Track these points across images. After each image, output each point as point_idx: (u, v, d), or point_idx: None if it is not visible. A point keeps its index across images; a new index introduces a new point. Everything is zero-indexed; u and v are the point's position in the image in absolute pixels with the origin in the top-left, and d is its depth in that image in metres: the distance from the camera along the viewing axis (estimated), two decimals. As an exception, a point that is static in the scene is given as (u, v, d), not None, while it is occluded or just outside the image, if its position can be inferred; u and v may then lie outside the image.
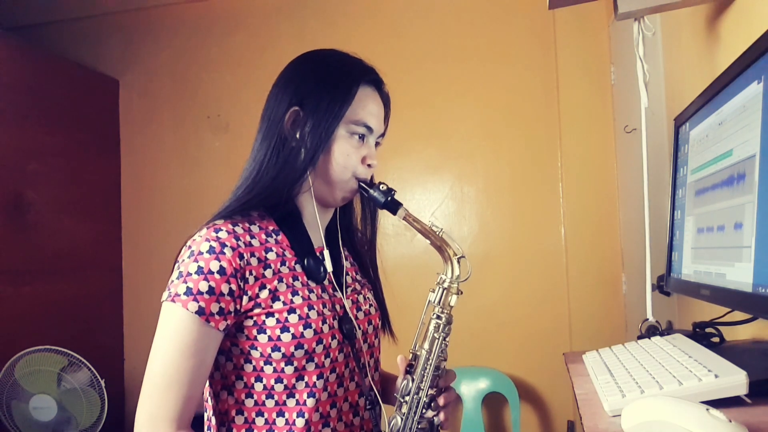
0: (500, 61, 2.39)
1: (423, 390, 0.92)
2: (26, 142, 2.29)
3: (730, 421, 0.54)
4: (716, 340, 0.94)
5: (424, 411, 0.92)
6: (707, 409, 0.56)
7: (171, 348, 0.82)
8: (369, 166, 0.96)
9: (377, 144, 0.99)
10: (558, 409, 2.29)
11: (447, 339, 0.94)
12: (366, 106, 0.95)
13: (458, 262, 0.94)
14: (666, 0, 1.11)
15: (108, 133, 2.75)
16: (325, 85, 0.93)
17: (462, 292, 0.95)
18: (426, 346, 0.93)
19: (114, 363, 2.65)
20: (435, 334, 0.93)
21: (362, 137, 0.94)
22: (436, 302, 0.94)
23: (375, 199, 0.94)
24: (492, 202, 2.40)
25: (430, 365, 0.92)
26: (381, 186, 0.95)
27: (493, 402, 2.31)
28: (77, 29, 2.82)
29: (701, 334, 0.95)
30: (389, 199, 0.94)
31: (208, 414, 0.92)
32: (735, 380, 0.65)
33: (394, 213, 0.93)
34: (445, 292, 0.94)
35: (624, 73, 1.97)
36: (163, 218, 2.69)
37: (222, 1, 2.69)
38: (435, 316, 0.94)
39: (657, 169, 1.44)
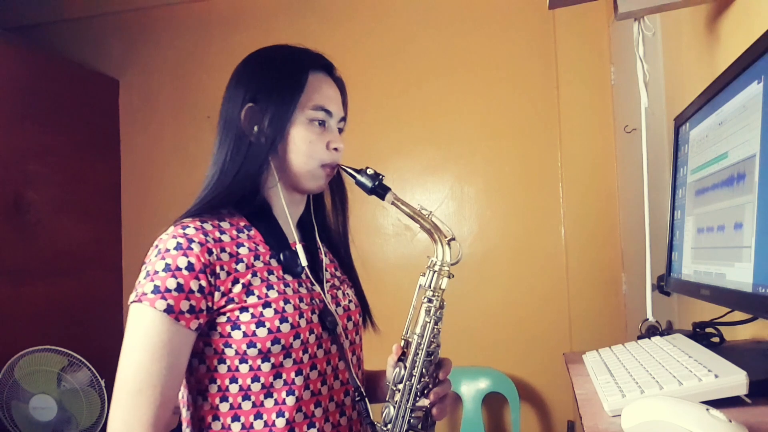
0: (500, 61, 2.39)
1: (415, 376, 0.89)
2: (26, 142, 2.29)
3: (730, 421, 0.54)
4: (716, 340, 0.94)
5: (417, 399, 0.89)
6: (707, 409, 0.56)
7: (140, 350, 0.80)
8: (335, 150, 0.94)
9: (341, 130, 0.99)
10: (558, 409, 2.29)
11: (439, 324, 0.92)
12: (320, 90, 0.94)
13: (449, 244, 0.92)
14: (666, 0, 1.11)
15: (108, 133, 2.75)
16: (274, 77, 0.92)
17: (453, 276, 0.93)
18: (417, 330, 0.91)
19: (114, 363, 2.59)
20: (426, 318, 0.91)
21: (323, 123, 0.93)
22: (427, 285, 0.92)
23: (363, 185, 0.92)
24: (492, 202, 2.40)
25: (422, 350, 0.90)
26: (368, 170, 0.93)
27: (493, 402, 2.31)
28: (77, 29, 2.82)
29: (701, 334, 0.95)
30: (377, 183, 0.92)
31: (186, 423, 0.89)
32: (735, 380, 0.65)
33: (383, 198, 0.92)
34: (435, 274, 0.92)
35: (624, 73, 1.97)
36: (163, 218, 2.62)
37: (222, 1, 2.69)
38: (426, 299, 0.92)
39: (657, 169, 1.44)
